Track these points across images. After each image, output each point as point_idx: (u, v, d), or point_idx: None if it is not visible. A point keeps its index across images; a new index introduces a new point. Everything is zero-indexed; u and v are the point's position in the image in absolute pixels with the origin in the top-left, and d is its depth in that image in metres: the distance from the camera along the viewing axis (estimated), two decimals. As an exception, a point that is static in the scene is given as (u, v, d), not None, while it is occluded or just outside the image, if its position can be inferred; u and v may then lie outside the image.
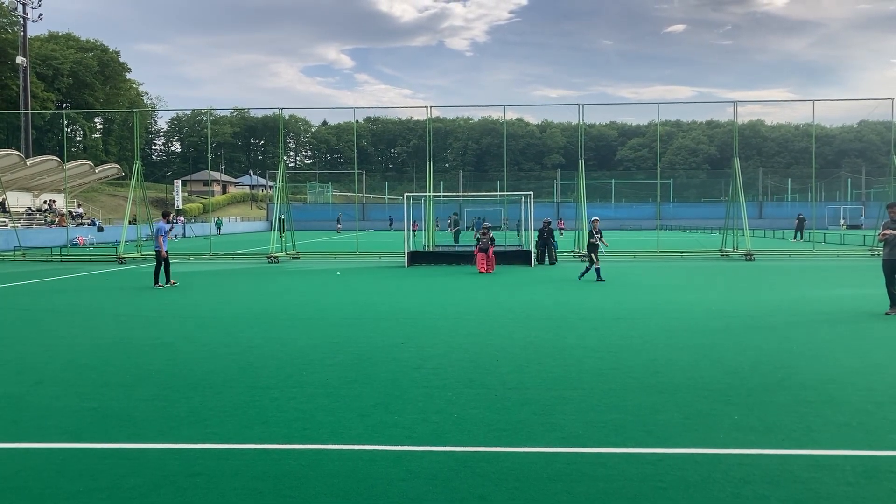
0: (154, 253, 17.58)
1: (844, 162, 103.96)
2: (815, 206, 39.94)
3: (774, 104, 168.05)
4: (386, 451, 5.32)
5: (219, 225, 63.96)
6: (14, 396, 7.04)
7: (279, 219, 30.73)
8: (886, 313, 12.04)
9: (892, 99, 28.18)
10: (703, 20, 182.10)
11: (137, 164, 29.73)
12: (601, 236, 18.62)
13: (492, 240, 22.25)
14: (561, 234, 43.47)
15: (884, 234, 12.07)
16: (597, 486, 4.62)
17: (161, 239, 17.20)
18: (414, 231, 36.23)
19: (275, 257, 26.76)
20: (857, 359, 8.53)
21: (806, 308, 12.94)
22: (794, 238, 41.97)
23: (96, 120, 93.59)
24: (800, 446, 5.38)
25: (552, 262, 24.40)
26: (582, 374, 7.77)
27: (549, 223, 25.46)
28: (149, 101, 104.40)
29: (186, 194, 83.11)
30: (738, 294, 15.25)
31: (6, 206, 41.14)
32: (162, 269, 17.36)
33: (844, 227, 62.79)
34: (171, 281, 17.55)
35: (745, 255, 26.19)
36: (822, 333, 10.37)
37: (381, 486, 4.63)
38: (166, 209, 21.04)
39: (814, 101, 29.60)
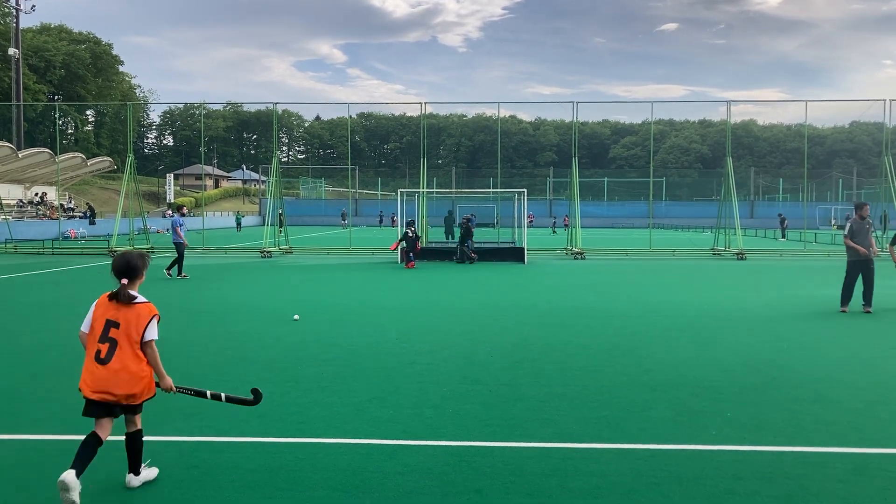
0: (175, 245, 18.18)
1: (836, 162, 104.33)
2: (807, 206, 40.15)
3: (767, 104, 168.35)
4: (381, 445, 5.35)
5: (238, 220, 56.75)
6: (9, 389, 7.05)
7: (279, 214, 30.66)
8: (843, 311, 12.32)
9: (885, 100, 28.30)
10: (695, 19, 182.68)
11: (130, 157, 29.64)
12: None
13: (417, 237, 22.42)
14: (565, 228, 43.24)
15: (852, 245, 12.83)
16: (591, 482, 4.66)
17: (180, 231, 18.05)
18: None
19: (268, 252, 26.72)
20: (848, 357, 8.62)
21: (797, 307, 13.03)
22: (783, 237, 42.84)
23: (88, 113, 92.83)
24: (791, 443, 5.44)
25: (468, 262, 22.85)
26: (575, 370, 7.82)
27: (469, 220, 24.36)
28: (141, 95, 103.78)
29: (178, 188, 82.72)
30: (729, 292, 15.33)
31: (-3, 198, 40.90)
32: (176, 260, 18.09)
33: (835, 227, 63.02)
34: (183, 274, 18.03)
35: (737, 254, 26.31)
36: (814, 332, 10.46)
37: (377, 480, 4.66)
38: (179, 203, 21.50)
39: (806, 101, 29.75)
